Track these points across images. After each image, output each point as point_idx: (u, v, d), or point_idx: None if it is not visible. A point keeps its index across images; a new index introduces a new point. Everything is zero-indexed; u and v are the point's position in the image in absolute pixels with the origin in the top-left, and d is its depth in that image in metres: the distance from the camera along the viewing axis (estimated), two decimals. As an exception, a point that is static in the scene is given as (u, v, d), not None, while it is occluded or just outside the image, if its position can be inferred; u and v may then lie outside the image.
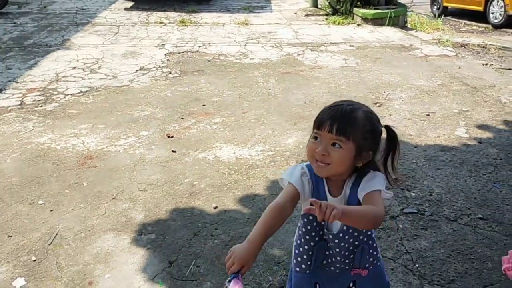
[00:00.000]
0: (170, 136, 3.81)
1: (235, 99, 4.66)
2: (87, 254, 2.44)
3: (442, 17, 9.85)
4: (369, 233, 1.51)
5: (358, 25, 8.23)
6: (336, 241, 1.45)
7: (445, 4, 11.63)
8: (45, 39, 6.62)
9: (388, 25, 8.07)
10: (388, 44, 6.98)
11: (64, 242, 2.53)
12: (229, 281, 1.26)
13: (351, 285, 1.55)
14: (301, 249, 1.52)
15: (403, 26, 8.30)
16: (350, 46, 6.85)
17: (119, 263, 2.39)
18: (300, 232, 1.52)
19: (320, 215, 1.19)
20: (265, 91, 4.93)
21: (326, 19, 8.53)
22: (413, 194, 3.02)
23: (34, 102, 4.45)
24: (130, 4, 9.18)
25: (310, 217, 1.46)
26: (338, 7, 8.61)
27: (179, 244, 2.54)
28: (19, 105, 4.38)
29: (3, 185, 3.05)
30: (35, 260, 2.39)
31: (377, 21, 8.19)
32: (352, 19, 8.43)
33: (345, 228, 1.43)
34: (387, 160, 1.45)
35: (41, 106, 4.36)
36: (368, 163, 1.41)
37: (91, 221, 2.71)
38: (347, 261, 1.50)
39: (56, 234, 2.59)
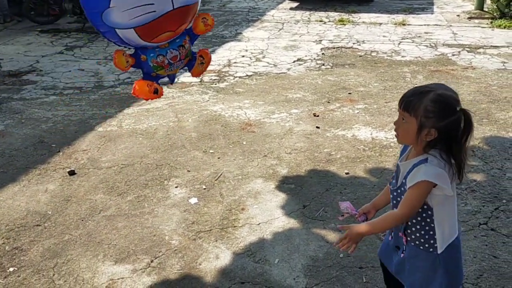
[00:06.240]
0: (316, 115, 4.38)
1: (380, 90, 5.02)
2: (242, 190, 3.17)
3: None
4: (425, 213, 1.62)
5: (528, 29, 7.71)
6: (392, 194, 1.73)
7: None
8: (222, 32, 7.77)
9: None
10: (559, 50, 6.49)
11: (226, 180, 3.30)
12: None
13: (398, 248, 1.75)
14: None
15: None
16: (513, 49, 6.56)
17: (264, 199, 3.06)
18: None
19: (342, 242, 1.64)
20: (411, 85, 5.12)
21: (491, 22, 8.18)
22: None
23: (210, 81, 5.44)
24: (296, 4, 10.01)
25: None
26: (506, 10, 8.18)
27: (313, 194, 3.11)
28: (199, 82, 5.41)
29: (185, 137, 3.98)
30: (205, 188, 3.20)
31: (552, 25, 7.56)
32: (522, 23, 7.92)
33: (399, 185, 1.67)
34: (461, 140, 1.55)
35: (215, 84, 5.32)
36: (436, 140, 1.54)
37: (246, 169, 3.44)
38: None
39: (221, 174, 3.37)
